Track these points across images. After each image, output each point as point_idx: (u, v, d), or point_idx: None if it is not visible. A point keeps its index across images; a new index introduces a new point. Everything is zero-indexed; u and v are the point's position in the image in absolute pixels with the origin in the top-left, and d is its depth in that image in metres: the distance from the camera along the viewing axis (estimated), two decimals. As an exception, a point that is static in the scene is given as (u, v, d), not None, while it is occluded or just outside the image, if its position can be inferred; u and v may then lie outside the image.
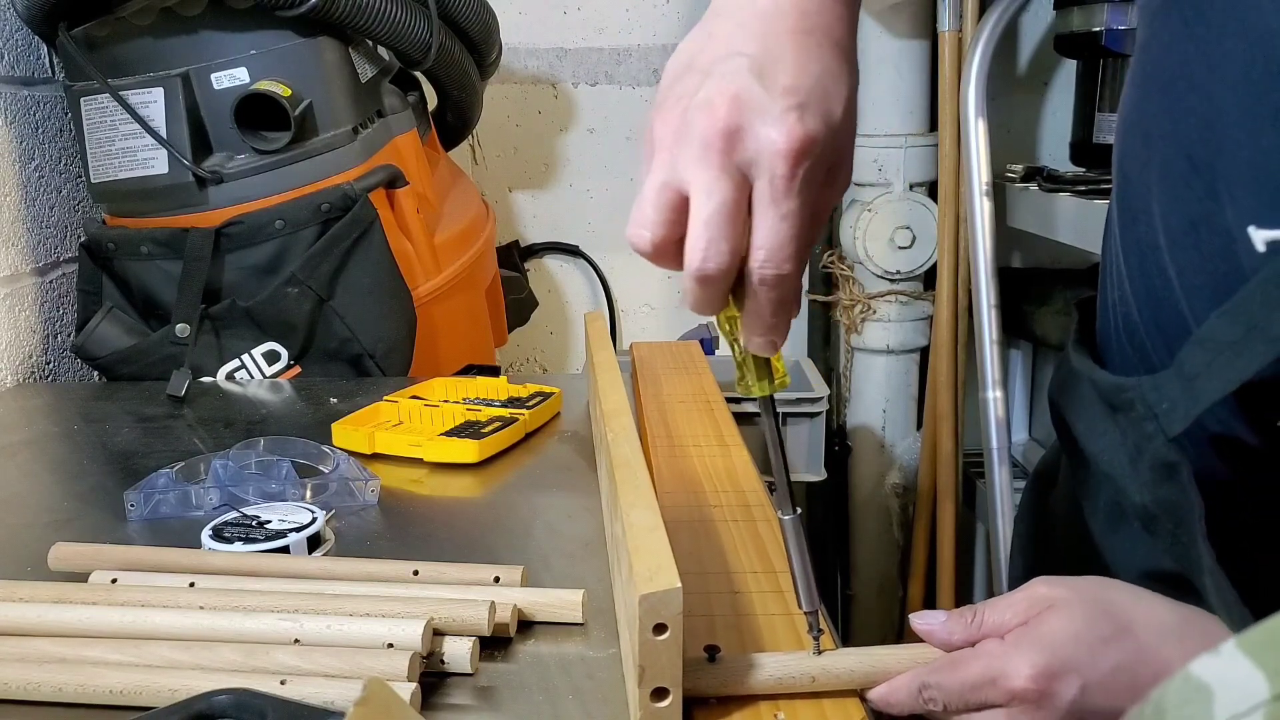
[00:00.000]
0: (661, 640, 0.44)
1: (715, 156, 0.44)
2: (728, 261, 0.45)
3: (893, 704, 0.49)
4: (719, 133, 0.44)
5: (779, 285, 0.46)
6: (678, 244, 0.46)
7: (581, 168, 1.77)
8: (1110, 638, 0.46)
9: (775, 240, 0.45)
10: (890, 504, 1.77)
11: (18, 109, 1.15)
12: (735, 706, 0.49)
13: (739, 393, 0.52)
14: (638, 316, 1.84)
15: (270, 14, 1.05)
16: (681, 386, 0.99)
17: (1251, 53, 0.44)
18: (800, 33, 0.46)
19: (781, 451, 0.52)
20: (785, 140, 0.44)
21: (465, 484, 0.82)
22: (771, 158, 0.44)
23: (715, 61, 0.46)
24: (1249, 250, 0.45)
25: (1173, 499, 0.48)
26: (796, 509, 0.51)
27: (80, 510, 0.77)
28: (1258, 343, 0.43)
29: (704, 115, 0.44)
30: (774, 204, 0.44)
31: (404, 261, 1.14)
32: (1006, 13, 1.46)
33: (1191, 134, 0.48)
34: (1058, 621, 0.47)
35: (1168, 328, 0.52)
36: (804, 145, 0.44)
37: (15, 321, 1.14)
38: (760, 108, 0.44)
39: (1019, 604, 0.49)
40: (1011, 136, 1.74)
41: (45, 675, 0.51)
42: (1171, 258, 0.50)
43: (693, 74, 0.46)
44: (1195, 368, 0.46)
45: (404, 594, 0.57)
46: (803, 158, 0.44)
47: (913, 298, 1.68)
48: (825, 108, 0.46)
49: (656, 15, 1.71)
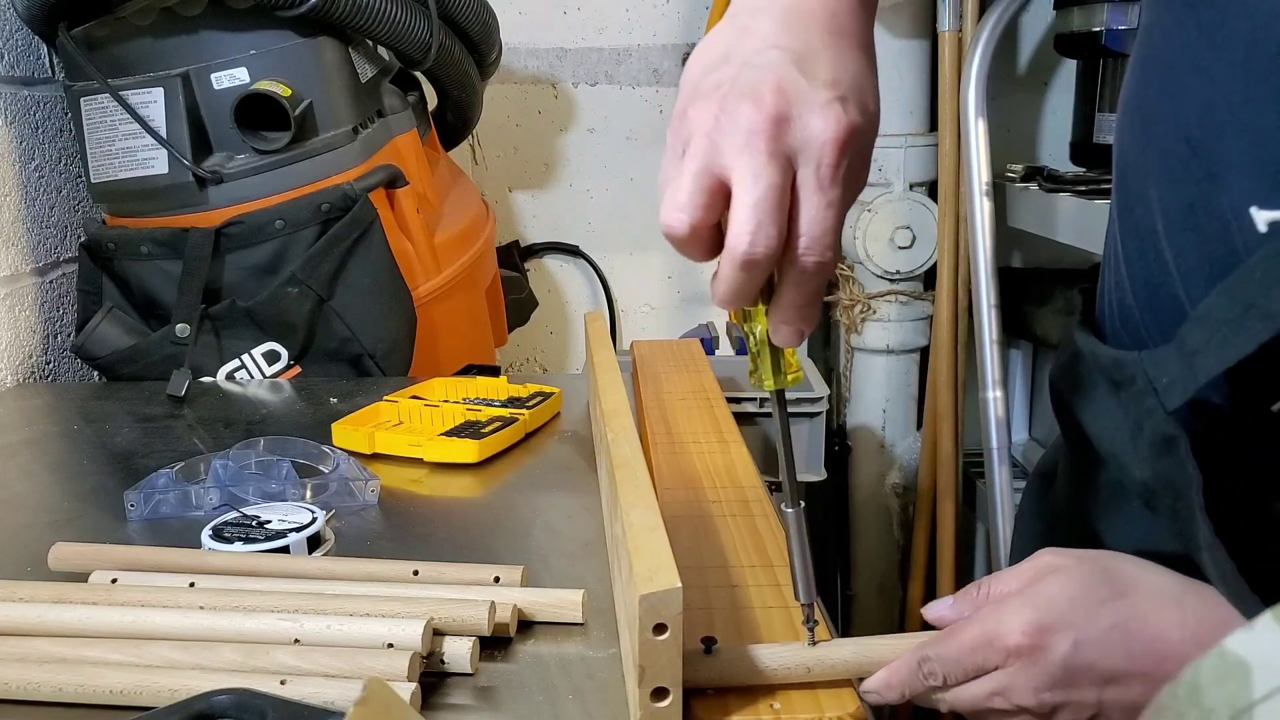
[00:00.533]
0: (661, 640, 0.44)
1: (762, 143, 0.45)
2: (775, 245, 0.45)
3: (894, 685, 0.50)
4: (768, 118, 0.45)
5: (820, 273, 0.47)
6: (712, 230, 0.47)
7: (581, 168, 1.77)
8: (1107, 599, 0.47)
9: (820, 227, 0.46)
10: (890, 504, 1.77)
11: (18, 109, 1.15)
12: (732, 697, 0.49)
13: (751, 385, 0.52)
14: (638, 316, 1.84)
15: (270, 14, 1.05)
16: (682, 384, 0.99)
17: (1255, 34, 0.45)
18: (832, 33, 0.48)
19: (789, 447, 0.52)
20: (833, 129, 0.45)
21: (465, 484, 0.82)
22: (820, 146, 0.45)
23: (754, 53, 0.47)
24: (1248, 232, 0.46)
25: (1172, 473, 0.49)
26: (800, 503, 0.52)
27: (80, 510, 0.78)
28: (1255, 319, 0.43)
29: (750, 103, 0.45)
30: (820, 191, 0.45)
31: (404, 261, 1.14)
32: (1006, 13, 1.46)
33: (1191, 117, 0.49)
34: (1056, 583, 0.48)
35: (1163, 311, 0.52)
36: (850, 134, 0.45)
37: (15, 321, 1.14)
38: (806, 98, 0.45)
39: (1025, 572, 0.50)
40: (1011, 136, 1.74)
41: (45, 675, 0.51)
42: (1169, 241, 0.51)
43: (730, 65, 0.47)
44: (1195, 343, 0.46)
45: (404, 594, 0.57)
46: (848, 146, 0.45)
47: (913, 298, 1.68)
48: (863, 101, 0.47)
49: (656, 15, 1.71)
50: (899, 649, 0.51)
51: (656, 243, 1.79)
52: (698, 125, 0.46)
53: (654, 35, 1.72)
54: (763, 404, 1.27)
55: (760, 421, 1.28)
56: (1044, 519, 0.71)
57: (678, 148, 0.47)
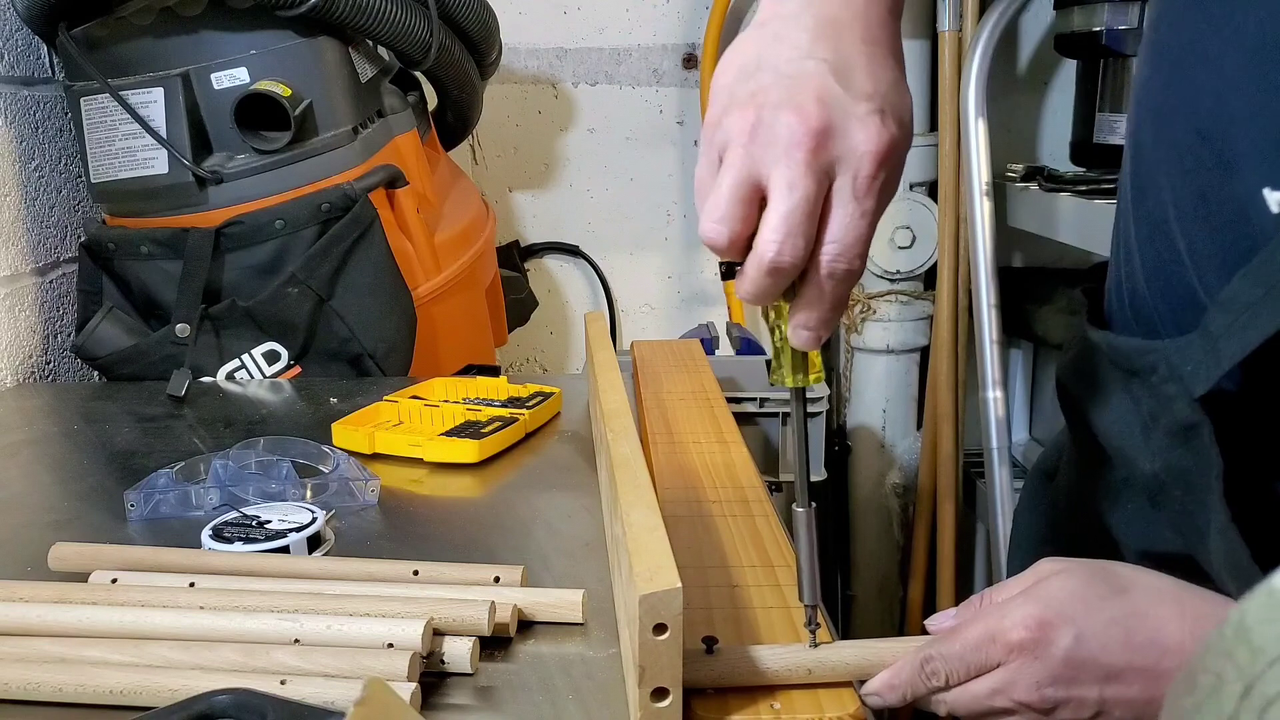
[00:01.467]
0: (661, 640, 0.44)
1: (802, 154, 0.45)
2: (802, 254, 0.46)
3: (896, 686, 0.50)
4: (809, 132, 0.45)
5: (847, 280, 0.47)
6: (750, 238, 0.47)
7: (581, 168, 1.77)
8: (1107, 595, 0.47)
9: (852, 235, 0.46)
10: (890, 504, 1.77)
11: (18, 109, 1.15)
12: (733, 697, 0.49)
13: (772, 383, 0.52)
14: (638, 316, 1.84)
15: (270, 14, 1.05)
16: (682, 384, 0.99)
17: (1263, 22, 0.46)
18: (867, 42, 0.49)
19: (805, 445, 0.52)
20: (873, 141, 0.46)
21: (465, 484, 0.82)
22: (860, 157, 0.46)
23: (788, 62, 0.47)
24: (1263, 214, 0.46)
25: (1185, 463, 0.49)
26: (812, 503, 0.52)
27: (80, 510, 0.77)
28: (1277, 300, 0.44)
29: (791, 114, 0.46)
30: (855, 200, 0.46)
31: (404, 261, 1.14)
32: (1006, 13, 1.46)
33: (1202, 107, 0.49)
34: (1057, 581, 0.48)
35: (1175, 299, 0.53)
36: (889, 146, 0.46)
37: (15, 321, 1.14)
38: (846, 109, 0.46)
39: (1026, 578, 0.50)
40: (1011, 136, 1.74)
41: (45, 675, 0.51)
42: (1180, 230, 0.52)
43: (764, 73, 0.47)
44: (1218, 329, 0.47)
45: (404, 594, 0.57)
46: (888, 158, 0.46)
47: (913, 298, 1.68)
48: (899, 114, 0.48)
49: (656, 15, 1.71)
50: (899, 651, 0.51)
51: (656, 243, 1.79)
52: (734, 134, 0.47)
53: (654, 35, 1.72)
54: (763, 404, 1.27)
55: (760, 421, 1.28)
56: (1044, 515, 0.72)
57: (712, 154, 0.48)
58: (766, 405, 1.26)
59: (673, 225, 1.79)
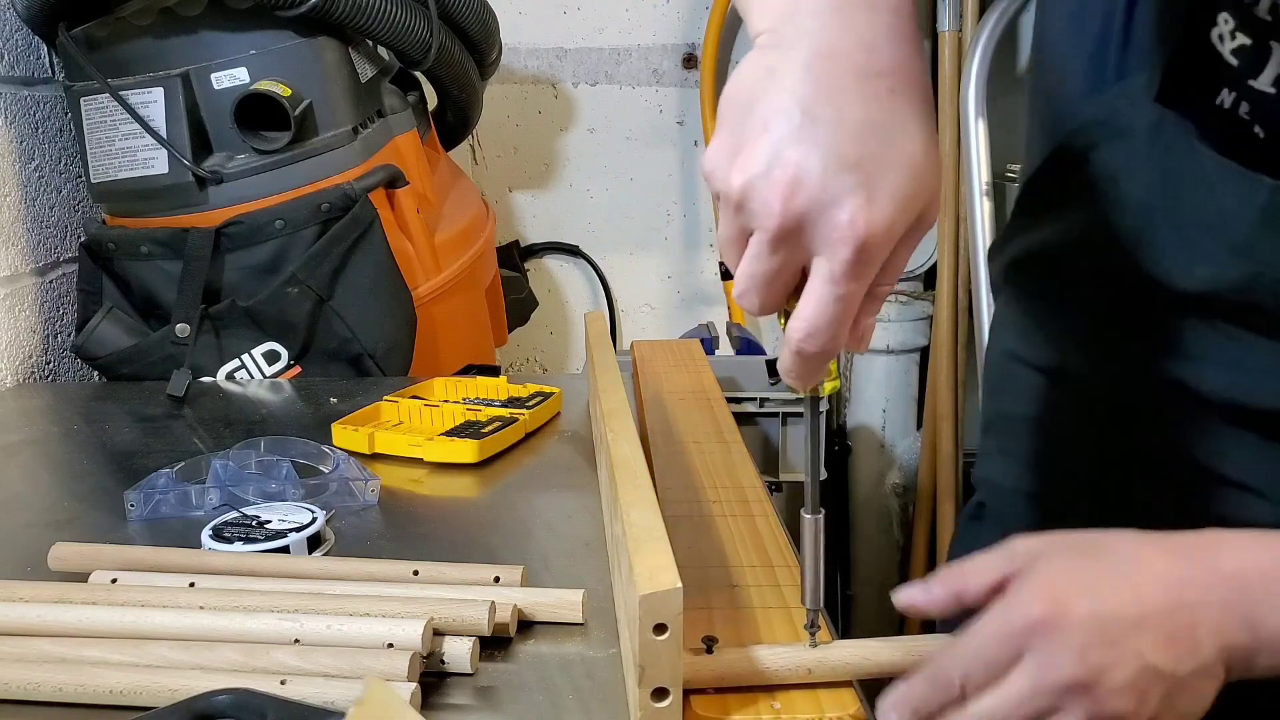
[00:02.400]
0: (661, 640, 0.44)
1: (767, 238, 0.43)
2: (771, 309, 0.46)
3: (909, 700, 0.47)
4: (775, 231, 0.43)
5: (819, 359, 0.45)
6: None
7: (581, 168, 1.77)
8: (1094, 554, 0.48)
9: (823, 319, 0.43)
10: (890, 504, 1.77)
11: (18, 109, 1.15)
12: (732, 697, 0.49)
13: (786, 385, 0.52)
14: (638, 316, 1.84)
15: (270, 14, 1.05)
16: (682, 384, 0.99)
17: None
18: (866, 76, 0.43)
19: (818, 451, 0.51)
20: (850, 229, 0.42)
21: (465, 484, 0.82)
22: (835, 244, 0.42)
23: (775, 114, 0.43)
24: None
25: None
26: (821, 509, 0.51)
27: (80, 510, 0.77)
28: None
29: (766, 190, 0.42)
30: (831, 283, 0.43)
31: (404, 261, 1.14)
32: (1006, 13, 1.46)
33: None
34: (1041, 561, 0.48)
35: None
36: (869, 234, 0.42)
37: (15, 321, 1.14)
38: (823, 190, 0.42)
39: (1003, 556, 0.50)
40: (1011, 136, 1.74)
41: (45, 675, 0.51)
42: None
43: (754, 119, 0.43)
44: None
45: (404, 594, 0.57)
46: (868, 248, 0.42)
47: (913, 298, 1.68)
48: (892, 178, 0.42)
49: (656, 15, 1.71)
50: (899, 651, 0.50)
51: (656, 243, 1.79)
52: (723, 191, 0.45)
53: (654, 35, 1.72)
54: (763, 404, 1.27)
55: (760, 421, 1.28)
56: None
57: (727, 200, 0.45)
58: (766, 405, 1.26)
59: (673, 225, 1.79)
